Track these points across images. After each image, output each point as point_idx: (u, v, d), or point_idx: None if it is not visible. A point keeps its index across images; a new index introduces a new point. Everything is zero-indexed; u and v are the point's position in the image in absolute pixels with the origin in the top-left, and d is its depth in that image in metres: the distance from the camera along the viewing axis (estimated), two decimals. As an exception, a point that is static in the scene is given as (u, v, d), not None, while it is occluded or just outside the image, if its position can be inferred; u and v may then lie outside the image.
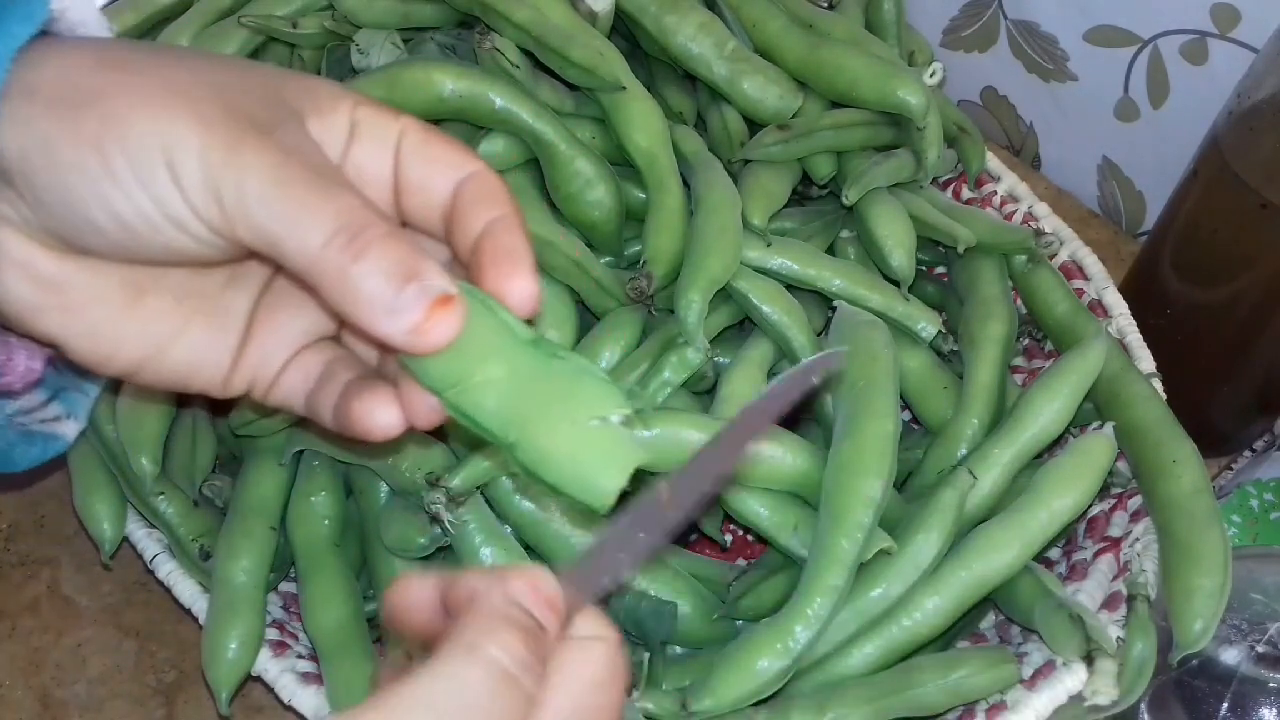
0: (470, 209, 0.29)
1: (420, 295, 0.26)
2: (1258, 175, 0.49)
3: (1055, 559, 0.48)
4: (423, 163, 0.30)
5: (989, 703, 0.42)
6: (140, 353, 0.30)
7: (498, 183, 0.30)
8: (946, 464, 0.49)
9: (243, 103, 0.27)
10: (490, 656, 0.24)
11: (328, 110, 0.29)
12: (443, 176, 0.30)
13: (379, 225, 0.26)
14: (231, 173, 0.26)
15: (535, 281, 0.29)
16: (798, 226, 0.56)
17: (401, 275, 0.26)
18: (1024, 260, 0.55)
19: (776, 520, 0.46)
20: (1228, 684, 0.44)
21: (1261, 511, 0.55)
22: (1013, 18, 0.72)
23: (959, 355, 0.53)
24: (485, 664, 0.24)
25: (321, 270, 0.26)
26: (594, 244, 0.53)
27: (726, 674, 0.41)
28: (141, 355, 0.30)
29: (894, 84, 0.54)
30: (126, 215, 0.27)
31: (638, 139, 0.52)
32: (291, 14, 0.57)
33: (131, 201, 0.26)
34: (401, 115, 0.30)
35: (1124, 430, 0.48)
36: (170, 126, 0.26)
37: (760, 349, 0.51)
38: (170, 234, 0.27)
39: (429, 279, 0.26)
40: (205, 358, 0.31)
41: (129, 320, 0.30)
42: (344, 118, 0.29)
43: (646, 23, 0.55)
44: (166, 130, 0.26)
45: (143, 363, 0.30)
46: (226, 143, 0.26)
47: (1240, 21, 0.60)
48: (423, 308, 0.26)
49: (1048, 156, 0.77)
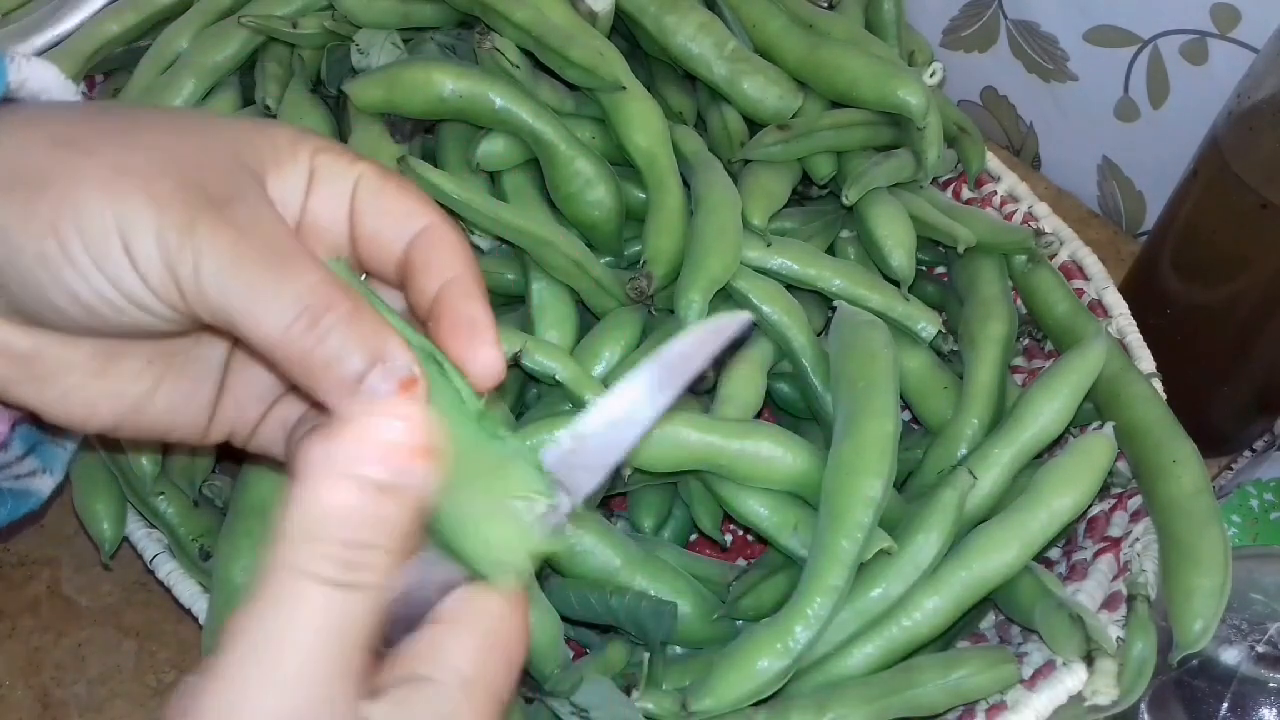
0: (424, 268, 0.29)
1: (385, 378, 0.25)
2: (1258, 175, 0.49)
3: (1055, 559, 0.48)
4: (376, 214, 0.29)
5: (989, 703, 0.42)
6: (116, 413, 0.30)
7: (453, 237, 0.29)
8: (946, 464, 0.49)
9: (199, 176, 0.26)
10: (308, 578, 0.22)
11: (286, 160, 0.29)
12: (396, 229, 0.29)
13: (341, 304, 0.26)
14: (188, 254, 0.25)
15: (499, 352, 0.28)
16: (798, 226, 0.56)
17: (366, 357, 0.25)
18: (1024, 260, 0.55)
19: (776, 520, 0.46)
20: (1228, 684, 0.44)
21: (1261, 511, 0.55)
22: (1013, 18, 0.72)
23: (959, 355, 0.53)
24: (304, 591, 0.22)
25: (285, 353, 0.26)
26: (594, 244, 0.53)
27: (726, 674, 0.41)
28: (117, 415, 0.30)
29: (894, 84, 0.54)
30: (87, 298, 0.26)
31: (638, 139, 0.52)
32: (291, 14, 0.57)
33: (90, 285, 0.26)
34: (359, 160, 0.30)
35: (1124, 430, 0.48)
36: (124, 209, 0.25)
37: (760, 349, 0.51)
38: (133, 314, 0.27)
39: (393, 360, 0.26)
40: (181, 413, 0.31)
41: (102, 384, 0.30)
42: (303, 166, 0.29)
43: (646, 23, 0.55)
44: (121, 213, 0.25)
45: (119, 421, 0.30)
46: (181, 223, 0.25)
47: (1240, 21, 0.60)
48: (388, 391, 0.25)
49: (1048, 156, 0.77)
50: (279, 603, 0.22)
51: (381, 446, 0.23)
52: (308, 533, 0.22)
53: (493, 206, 0.49)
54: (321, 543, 0.22)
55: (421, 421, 0.23)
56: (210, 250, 0.25)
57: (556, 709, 0.41)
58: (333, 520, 0.22)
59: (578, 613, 0.44)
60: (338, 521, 0.22)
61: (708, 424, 0.45)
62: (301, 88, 0.56)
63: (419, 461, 0.23)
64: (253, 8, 0.58)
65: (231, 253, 0.25)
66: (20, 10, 0.69)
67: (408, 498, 0.23)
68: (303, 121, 0.54)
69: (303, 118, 0.54)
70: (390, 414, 0.23)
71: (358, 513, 0.22)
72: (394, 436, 0.23)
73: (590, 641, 0.47)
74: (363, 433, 0.23)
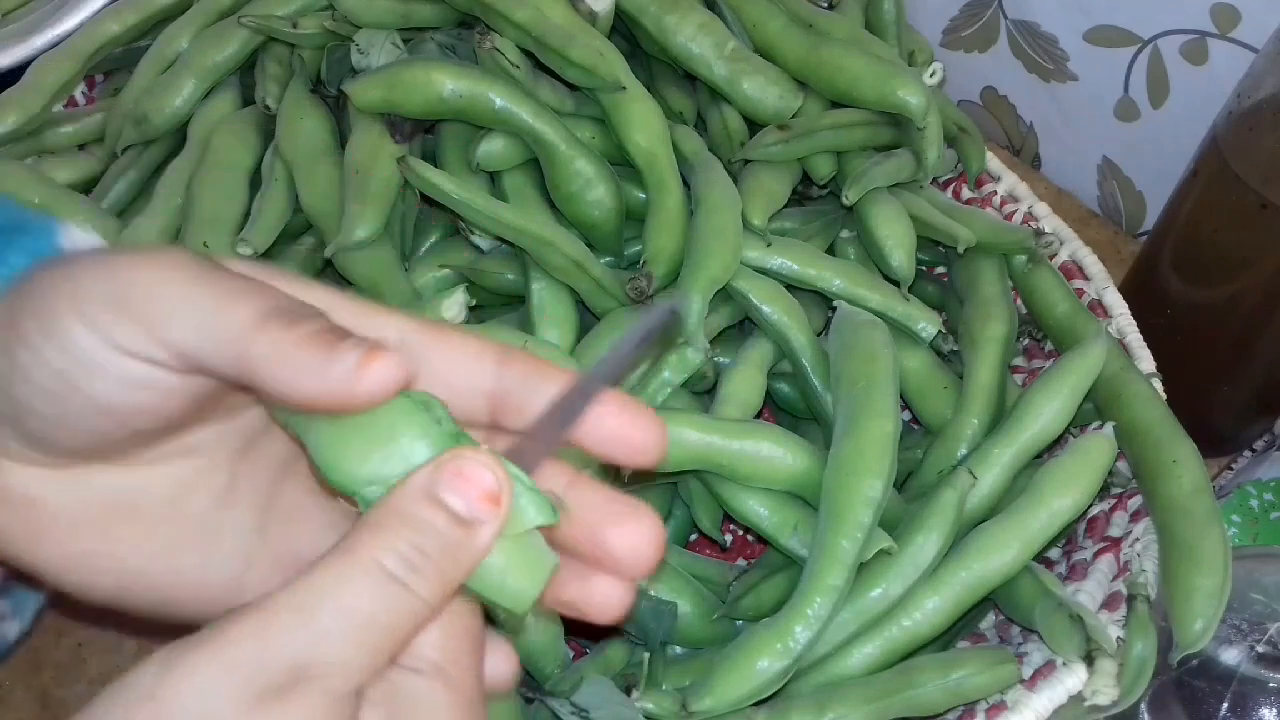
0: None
1: (356, 345, 0.25)
2: (1258, 175, 0.49)
3: (1055, 559, 0.48)
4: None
5: (989, 703, 0.42)
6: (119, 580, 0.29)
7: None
8: (946, 464, 0.49)
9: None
10: (369, 560, 0.23)
11: None
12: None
13: (309, 307, 0.26)
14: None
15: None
16: (798, 226, 0.56)
17: (335, 334, 0.25)
18: (1024, 260, 0.55)
19: (776, 520, 0.46)
20: (1228, 684, 0.44)
21: (1261, 511, 0.55)
22: (1013, 18, 0.72)
23: (959, 355, 0.53)
24: (363, 569, 0.23)
25: (252, 343, 0.25)
26: (594, 244, 0.53)
27: (726, 674, 0.41)
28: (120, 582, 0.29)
29: (894, 84, 0.54)
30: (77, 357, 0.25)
31: (638, 139, 0.52)
32: (291, 14, 0.58)
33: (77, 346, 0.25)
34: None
35: (1124, 430, 0.48)
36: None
37: (760, 349, 0.51)
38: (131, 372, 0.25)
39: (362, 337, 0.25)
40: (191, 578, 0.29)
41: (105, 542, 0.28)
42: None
43: (646, 23, 0.55)
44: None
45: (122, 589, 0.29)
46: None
47: (1240, 21, 0.60)
48: (358, 354, 0.25)
49: (1048, 156, 0.77)
50: (336, 571, 0.23)
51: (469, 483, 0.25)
52: (381, 525, 0.24)
53: (493, 206, 0.49)
54: (392, 535, 0.24)
55: (505, 475, 0.25)
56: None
57: (556, 709, 0.41)
58: (409, 523, 0.24)
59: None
60: (412, 525, 0.24)
61: (708, 424, 0.45)
62: (301, 88, 0.56)
63: (492, 507, 0.25)
64: (253, 8, 0.58)
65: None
66: (20, 10, 0.69)
67: (476, 534, 0.25)
68: (303, 122, 0.54)
69: (303, 118, 0.54)
70: (483, 462, 0.25)
71: (431, 527, 0.24)
72: (481, 480, 0.25)
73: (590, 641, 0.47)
74: (460, 468, 0.25)
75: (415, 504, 0.24)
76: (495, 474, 0.25)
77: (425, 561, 0.24)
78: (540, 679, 0.43)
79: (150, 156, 0.58)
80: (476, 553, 0.25)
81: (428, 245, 0.54)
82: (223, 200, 0.53)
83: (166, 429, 0.27)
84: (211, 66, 0.58)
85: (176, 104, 0.57)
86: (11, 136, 0.57)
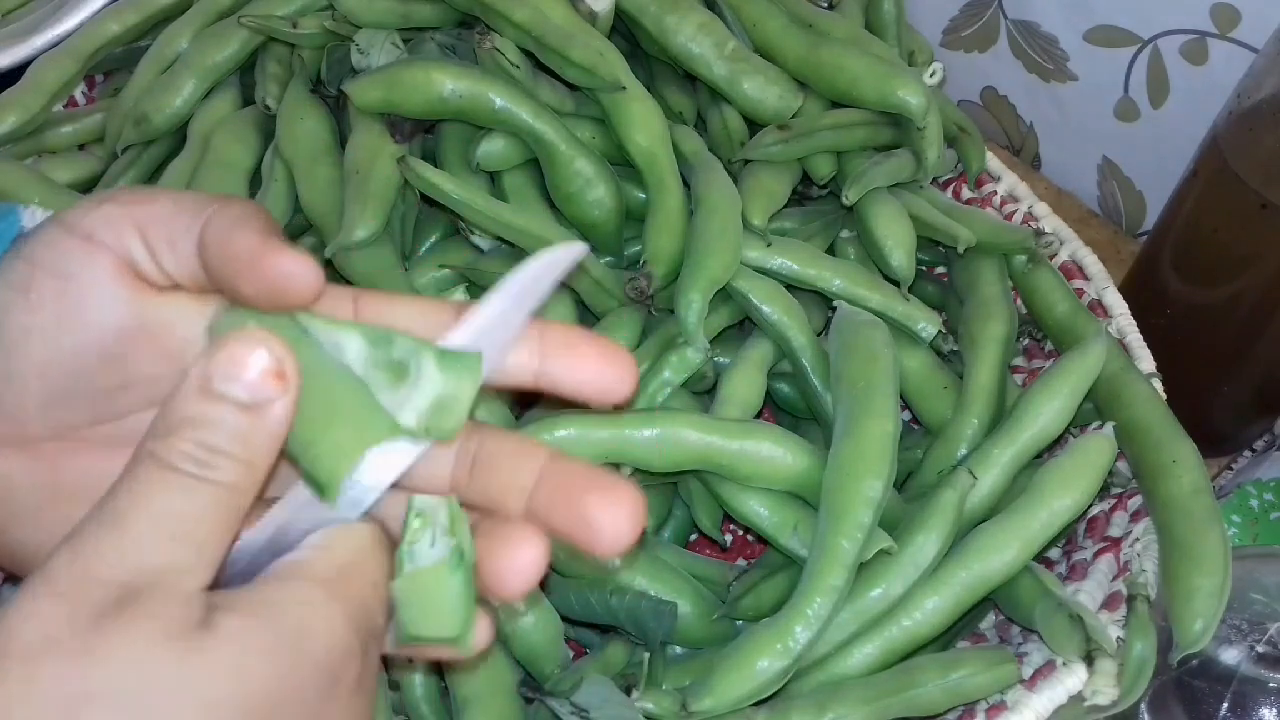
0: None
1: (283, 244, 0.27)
2: (1258, 175, 0.49)
3: (1055, 559, 0.48)
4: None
5: (989, 703, 0.42)
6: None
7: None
8: (946, 464, 0.49)
9: None
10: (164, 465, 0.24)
11: None
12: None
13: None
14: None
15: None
16: (798, 226, 0.56)
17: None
18: (1024, 260, 0.55)
19: (776, 520, 0.46)
20: (1228, 684, 0.44)
21: (1261, 511, 0.55)
22: (1013, 18, 0.72)
23: (959, 355, 0.53)
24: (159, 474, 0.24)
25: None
26: (594, 244, 0.53)
27: (726, 674, 0.41)
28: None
29: (894, 84, 0.54)
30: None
31: (638, 139, 0.52)
32: (291, 14, 0.58)
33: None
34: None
35: (1124, 430, 0.48)
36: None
37: (760, 349, 0.51)
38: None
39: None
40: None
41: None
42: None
43: (646, 23, 0.55)
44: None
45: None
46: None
47: (1240, 21, 0.60)
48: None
49: (1048, 156, 0.77)
50: (133, 481, 0.24)
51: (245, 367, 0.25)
52: (170, 429, 0.24)
53: (493, 206, 0.49)
54: (179, 439, 0.24)
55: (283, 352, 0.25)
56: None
57: (556, 709, 0.41)
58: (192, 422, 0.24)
59: (578, 613, 0.44)
60: (196, 424, 0.24)
61: (708, 424, 0.45)
62: (301, 88, 0.56)
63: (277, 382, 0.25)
64: (253, 8, 0.58)
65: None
66: (20, 10, 0.69)
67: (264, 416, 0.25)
68: (303, 122, 0.54)
69: (303, 118, 0.54)
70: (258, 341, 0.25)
71: (215, 422, 0.24)
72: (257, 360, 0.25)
73: (590, 641, 0.47)
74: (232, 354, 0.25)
75: (194, 402, 0.24)
76: (272, 350, 0.25)
77: (218, 456, 0.24)
78: (540, 679, 0.43)
79: (150, 156, 0.58)
80: (273, 432, 0.25)
81: (428, 245, 0.54)
82: (223, 200, 0.53)
83: (154, 381, 0.28)
84: (211, 66, 0.58)
85: (176, 104, 0.57)
86: (11, 136, 0.57)
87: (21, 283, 0.27)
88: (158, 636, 0.22)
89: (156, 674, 0.22)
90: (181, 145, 0.57)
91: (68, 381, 0.27)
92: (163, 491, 0.24)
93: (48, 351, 0.27)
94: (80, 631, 0.22)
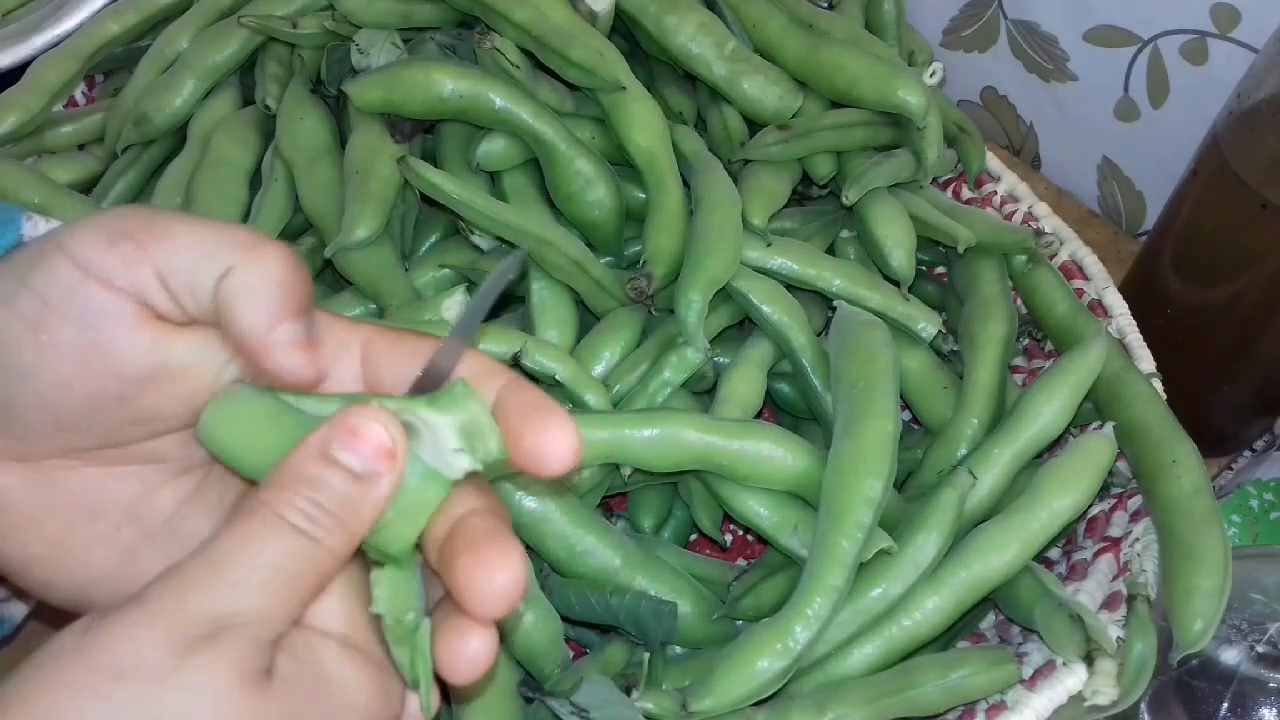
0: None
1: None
2: (1258, 175, 0.49)
3: (1055, 559, 0.48)
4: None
5: (989, 703, 0.42)
6: (77, 581, 0.29)
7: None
8: (946, 464, 0.49)
9: None
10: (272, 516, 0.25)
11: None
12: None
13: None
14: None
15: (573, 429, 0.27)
16: (798, 226, 0.56)
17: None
18: (1024, 260, 0.55)
19: (776, 520, 0.46)
20: (1228, 684, 0.44)
21: (1261, 511, 0.55)
22: (1013, 18, 0.72)
23: (959, 355, 0.53)
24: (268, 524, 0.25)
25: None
26: (594, 244, 0.53)
27: (726, 674, 0.41)
28: (78, 585, 0.29)
29: (894, 84, 0.54)
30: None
31: (638, 139, 0.52)
32: (291, 14, 0.58)
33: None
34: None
35: (1124, 430, 0.48)
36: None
37: (760, 349, 0.51)
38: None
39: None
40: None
41: (69, 547, 0.28)
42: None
43: (646, 23, 0.55)
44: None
45: (81, 592, 0.29)
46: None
47: (1240, 21, 0.60)
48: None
49: (1048, 156, 0.77)
50: (242, 527, 0.25)
51: (362, 440, 0.26)
52: (282, 484, 0.25)
53: (493, 206, 0.49)
54: (292, 493, 0.25)
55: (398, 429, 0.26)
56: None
57: (556, 709, 0.41)
58: (308, 481, 0.25)
59: (578, 613, 0.44)
60: (309, 484, 0.25)
61: (708, 424, 0.45)
62: (301, 88, 0.56)
63: (387, 461, 0.26)
64: (253, 8, 0.58)
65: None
66: (20, 10, 0.69)
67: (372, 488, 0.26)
68: (303, 122, 0.54)
69: (303, 118, 0.54)
70: (376, 417, 0.26)
71: (327, 485, 0.25)
72: (374, 436, 0.26)
73: (590, 641, 0.47)
74: (353, 426, 0.26)
75: (311, 463, 0.26)
76: (388, 429, 0.26)
77: (325, 515, 0.25)
78: (540, 679, 0.43)
79: (150, 156, 0.58)
80: (376, 504, 0.26)
81: (428, 245, 0.54)
82: (223, 200, 0.53)
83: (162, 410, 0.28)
84: (211, 66, 0.58)
85: (176, 104, 0.57)
86: (11, 136, 0.57)
87: (32, 317, 0.26)
88: (233, 679, 0.23)
89: (221, 714, 0.23)
90: (181, 145, 0.57)
91: (79, 416, 0.27)
92: (266, 542, 0.25)
93: (60, 391, 0.26)
94: (165, 659, 0.23)
